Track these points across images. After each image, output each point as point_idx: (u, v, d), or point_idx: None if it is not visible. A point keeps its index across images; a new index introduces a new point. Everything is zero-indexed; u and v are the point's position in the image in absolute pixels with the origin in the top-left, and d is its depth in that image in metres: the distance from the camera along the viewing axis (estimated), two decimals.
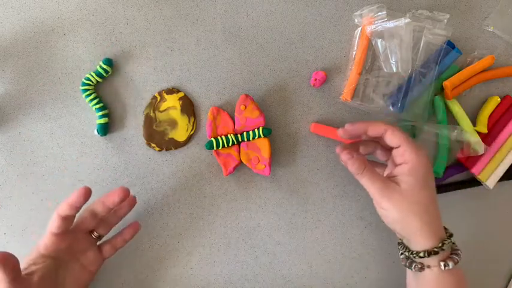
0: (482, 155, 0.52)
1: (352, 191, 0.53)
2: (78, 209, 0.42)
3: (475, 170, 0.52)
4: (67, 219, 0.42)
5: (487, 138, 0.53)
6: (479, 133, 0.52)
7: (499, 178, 0.52)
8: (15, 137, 0.50)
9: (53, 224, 0.42)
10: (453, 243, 0.43)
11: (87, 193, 0.41)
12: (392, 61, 0.50)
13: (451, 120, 0.53)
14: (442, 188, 0.53)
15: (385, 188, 0.42)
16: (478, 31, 0.55)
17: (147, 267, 0.51)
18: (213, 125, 0.50)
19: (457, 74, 0.52)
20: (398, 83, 0.52)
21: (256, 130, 0.50)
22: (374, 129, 0.44)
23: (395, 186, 0.42)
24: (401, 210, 0.41)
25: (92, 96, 0.49)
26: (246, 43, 0.52)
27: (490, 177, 0.52)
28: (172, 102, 0.51)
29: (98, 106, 0.49)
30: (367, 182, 0.43)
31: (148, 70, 0.51)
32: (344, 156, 0.44)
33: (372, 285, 0.53)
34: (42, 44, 0.50)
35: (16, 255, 0.49)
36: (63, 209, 0.41)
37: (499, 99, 0.53)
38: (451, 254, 0.42)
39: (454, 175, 0.53)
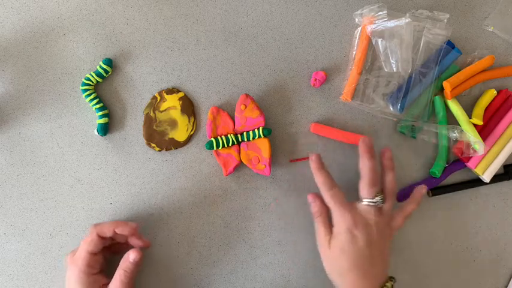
0: None
1: (351, 191, 0.53)
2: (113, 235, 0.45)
3: (471, 164, 0.52)
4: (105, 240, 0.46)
5: (483, 132, 0.53)
6: (475, 125, 0.52)
7: (495, 171, 0.52)
8: (15, 137, 0.50)
9: (92, 244, 0.44)
10: None
11: (135, 231, 0.46)
12: (393, 61, 0.50)
13: (451, 120, 0.53)
14: (442, 189, 0.53)
15: (322, 242, 0.46)
16: (478, 31, 0.55)
17: (147, 267, 0.51)
18: (213, 125, 0.50)
19: (457, 74, 0.52)
20: (398, 83, 0.52)
21: (256, 130, 0.50)
22: (315, 178, 0.48)
23: (327, 244, 0.45)
24: (326, 266, 0.46)
25: (92, 96, 0.49)
26: (246, 43, 0.52)
27: (487, 171, 0.52)
28: (172, 102, 0.51)
29: (98, 106, 0.49)
30: (317, 230, 0.48)
31: (148, 70, 0.51)
32: (309, 198, 0.50)
33: None
34: (42, 44, 0.50)
35: (15, 256, 0.50)
36: (105, 231, 0.44)
37: (495, 92, 0.53)
38: None
39: (453, 172, 0.53)
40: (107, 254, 0.47)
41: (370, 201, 0.45)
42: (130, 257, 0.44)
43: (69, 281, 0.44)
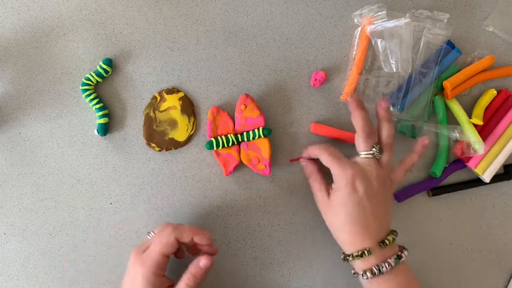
0: None
1: None
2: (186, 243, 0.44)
3: (471, 164, 0.52)
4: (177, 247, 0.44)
5: (483, 132, 0.53)
6: (475, 125, 0.52)
7: (495, 171, 0.52)
8: (15, 137, 0.50)
9: (169, 247, 0.43)
10: (392, 242, 0.44)
11: (211, 241, 0.44)
12: (392, 61, 0.50)
13: (451, 120, 0.53)
14: (442, 189, 0.53)
15: (320, 198, 0.47)
16: (478, 31, 0.55)
17: None
18: (213, 125, 0.50)
19: (457, 74, 0.52)
20: (398, 83, 0.52)
21: (256, 130, 0.50)
22: (311, 152, 0.48)
23: (327, 200, 0.46)
24: (327, 221, 0.46)
25: (92, 96, 0.49)
26: (246, 43, 0.52)
27: (487, 171, 0.52)
28: (172, 102, 0.51)
29: (98, 106, 0.49)
30: (313, 189, 0.48)
31: (148, 70, 0.51)
32: (301, 161, 0.50)
33: None
34: (42, 44, 0.50)
35: (15, 256, 0.50)
36: (184, 237, 0.43)
37: (495, 92, 0.53)
38: (385, 260, 0.43)
39: (453, 172, 0.53)
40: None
41: (367, 154, 0.45)
42: (201, 263, 0.43)
43: (135, 281, 0.42)
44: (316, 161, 0.49)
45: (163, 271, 0.43)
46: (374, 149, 0.45)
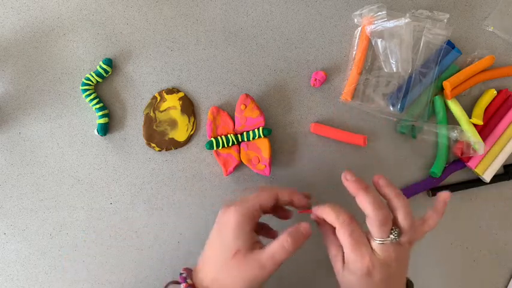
0: None
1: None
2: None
3: (471, 164, 0.52)
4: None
5: (484, 132, 0.53)
6: (475, 125, 0.52)
7: (495, 171, 0.52)
8: (15, 137, 0.50)
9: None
10: None
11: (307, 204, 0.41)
12: (392, 61, 0.50)
13: (451, 120, 0.53)
14: (442, 189, 0.53)
15: (335, 265, 0.41)
16: (478, 31, 0.55)
17: (147, 267, 0.51)
18: (213, 125, 0.50)
19: (457, 74, 0.52)
20: (398, 83, 0.52)
21: (256, 130, 0.50)
22: (325, 216, 0.41)
23: (341, 270, 0.40)
24: (341, 286, 0.40)
25: (92, 96, 0.49)
26: (246, 43, 0.52)
27: (487, 171, 0.52)
28: (172, 102, 0.51)
29: (98, 106, 0.49)
30: (328, 251, 0.42)
31: (148, 70, 0.51)
32: (313, 216, 0.42)
33: None
34: (42, 44, 0.50)
35: (15, 256, 0.50)
36: (284, 195, 0.40)
37: (495, 92, 0.53)
38: None
39: (453, 172, 0.53)
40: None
41: (384, 241, 0.38)
42: (302, 227, 0.39)
43: (225, 226, 0.39)
44: None
45: (256, 223, 0.40)
46: (392, 235, 0.38)
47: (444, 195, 0.42)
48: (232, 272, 0.38)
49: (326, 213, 0.40)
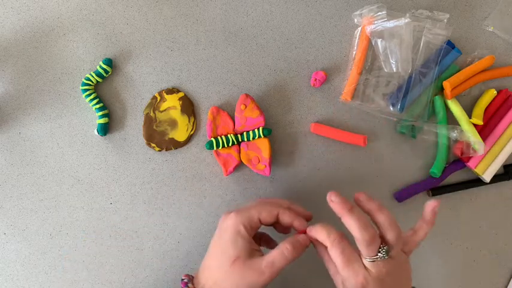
0: None
1: (351, 191, 0.53)
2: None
3: (471, 164, 0.52)
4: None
5: (483, 132, 0.53)
6: (475, 125, 0.52)
7: (495, 171, 0.52)
8: (15, 137, 0.50)
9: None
10: None
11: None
12: (392, 61, 0.50)
13: (451, 120, 0.53)
14: (442, 189, 0.53)
15: (336, 283, 0.40)
16: (478, 31, 0.55)
17: (147, 267, 0.51)
18: (213, 125, 0.50)
19: (457, 74, 0.52)
20: (398, 83, 0.52)
21: (256, 130, 0.50)
22: (318, 236, 0.41)
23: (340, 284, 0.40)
24: None
25: (92, 96, 0.49)
26: (246, 43, 0.52)
27: (487, 171, 0.52)
28: (172, 102, 0.51)
29: (98, 106, 0.49)
30: (328, 269, 0.41)
31: (148, 70, 0.51)
32: (308, 234, 0.42)
33: None
34: (42, 44, 0.50)
35: (15, 256, 0.50)
36: (285, 219, 0.41)
37: (495, 92, 0.53)
38: None
39: (453, 172, 0.53)
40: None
41: (373, 259, 0.38)
42: (301, 237, 0.40)
43: (225, 232, 0.40)
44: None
45: (254, 232, 0.41)
46: (380, 253, 0.38)
47: (432, 204, 0.42)
48: (232, 278, 0.38)
49: (318, 232, 0.40)
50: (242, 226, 0.40)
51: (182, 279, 0.41)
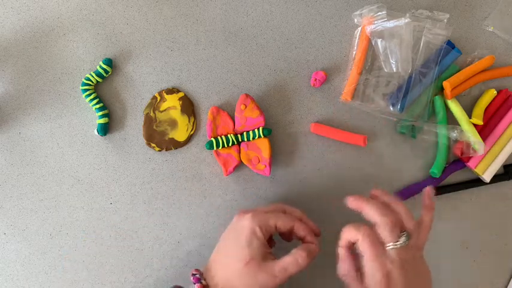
0: None
1: (352, 191, 0.53)
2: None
3: (471, 164, 0.52)
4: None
5: (483, 132, 0.53)
6: (475, 125, 0.52)
7: (495, 171, 0.52)
8: (15, 137, 0.50)
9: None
10: None
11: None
12: (392, 61, 0.50)
13: (451, 120, 0.53)
14: (442, 189, 0.53)
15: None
16: (478, 31, 0.55)
17: (147, 267, 0.51)
18: (213, 125, 0.50)
19: (457, 74, 0.52)
20: (398, 83, 0.52)
21: (256, 130, 0.50)
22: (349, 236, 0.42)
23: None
24: None
25: (92, 96, 0.49)
26: (246, 43, 0.52)
27: (487, 171, 0.52)
28: (172, 102, 0.51)
29: (98, 106, 0.49)
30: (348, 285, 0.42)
31: (148, 70, 0.51)
32: (340, 254, 0.43)
33: None
34: (42, 44, 0.50)
35: (15, 256, 0.50)
36: (300, 231, 0.42)
37: (495, 92, 0.53)
38: None
39: (453, 172, 0.53)
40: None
41: (394, 245, 0.39)
42: (312, 246, 0.42)
43: (241, 232, 0.41)
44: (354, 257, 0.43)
45: (268, 236, 0.42)
46: (401, 238, 0.40)
47: (427, 190, 0.44)
48: (245, 278, 0.39)
49: (346, 231, 0.42)
50: (258, 228, 0.40)
51: (193, 274, 0.41)
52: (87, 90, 0.49)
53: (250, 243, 0.40)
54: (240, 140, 0.50)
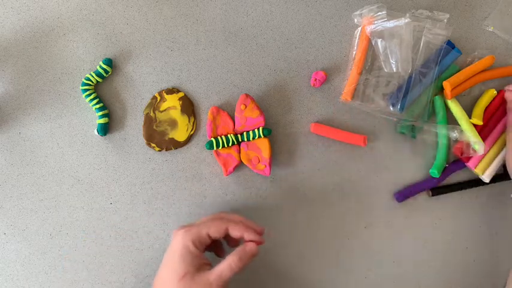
0: None
1: (352, 191, 0.53)
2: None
3: (471, 164, 0.52)
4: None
5: (483, 132, 0.53)
6: (475, 125, 0.52)
7: (495, 171, 0.52)
8: (15, 137, 0.50)
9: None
10: None
11: (261, 241, 0.43)
12: (392, 61, 0.50)
13: (451, 120, 0.53)
14: (442, 189, 0.53)
15: None
16: (478, 31, 0.55)
17: (147, 267, 0.51)
18: (213, 125, 0.50)
19: (457, 74, 0.52)
20: (398, 83, 0.52)
21: (256, 130, 0.50)
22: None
23: None
24: None
25: (92, 96, 0.49)
26: (246, 43, 0.52)
27: (487, 171, 0.52)
28: (172, 102, 0.51)
29: (98, 106, 0.49)
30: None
31: (148, 70, 0.51)
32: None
33: (375, 285, 0.53)
34: (42, 44, 0.50)
35: (15, 256, 0.50)
36: (235, 232, 0.43)
37: (495, 92, 0.53)
38: None
39: (453, 172, 0.53)
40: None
41: None
42: (248, 248, 0.42)
43: (175, 250, 0.42)
44: None
45: (203, 248, 0.43)
46: None
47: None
48: None
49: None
50: (191, 243, 0.42)
51: None
52: (87, 90, 0.49)
53: (184, 259, 0.41)
54: (240, 140, 0.50)
